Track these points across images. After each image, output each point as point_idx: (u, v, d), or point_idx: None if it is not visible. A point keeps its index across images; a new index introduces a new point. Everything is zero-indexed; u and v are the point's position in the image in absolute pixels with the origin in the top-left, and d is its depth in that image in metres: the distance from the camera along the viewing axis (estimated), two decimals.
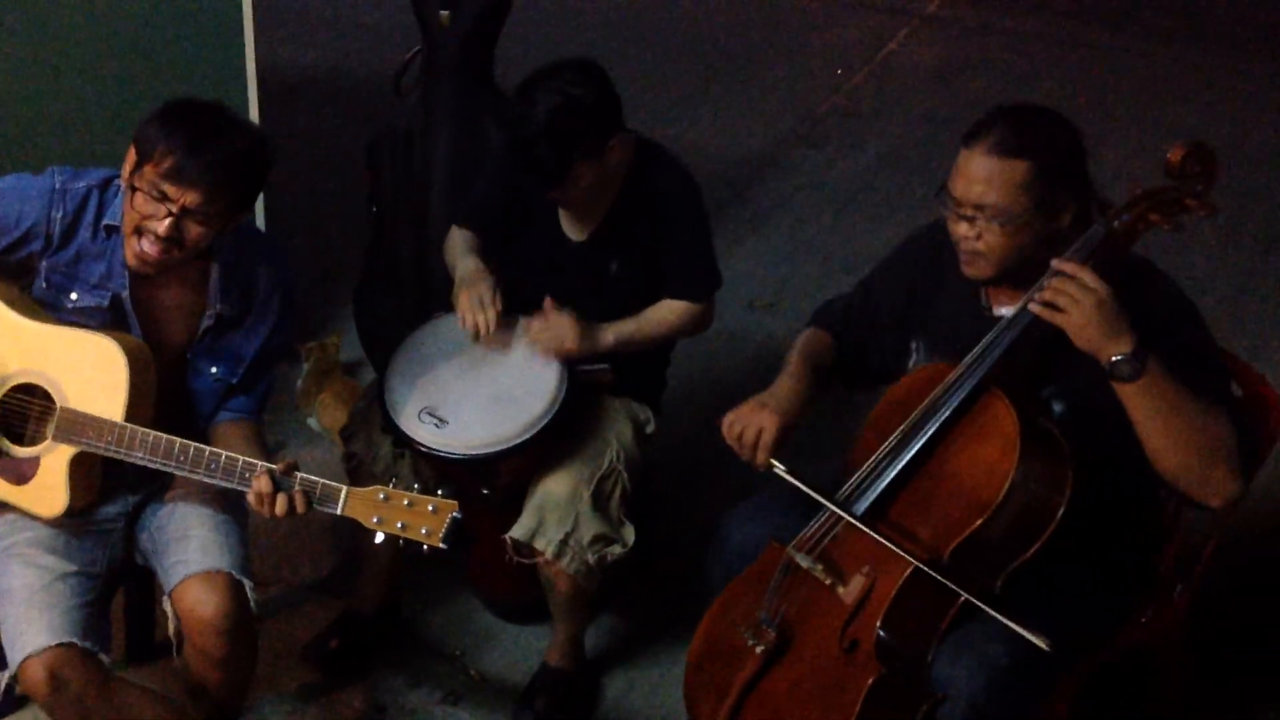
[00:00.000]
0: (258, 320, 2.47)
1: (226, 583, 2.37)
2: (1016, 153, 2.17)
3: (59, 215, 2.35)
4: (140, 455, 2.28)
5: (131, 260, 2.32)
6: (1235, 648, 3.03)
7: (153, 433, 2.28)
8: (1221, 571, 2.52)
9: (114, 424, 2.28)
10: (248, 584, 2.39)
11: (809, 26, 6.70)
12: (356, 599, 3.00)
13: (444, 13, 3.44)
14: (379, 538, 2.24)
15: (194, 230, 2.28)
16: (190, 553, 2.40)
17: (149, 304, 2.40)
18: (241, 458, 2.26)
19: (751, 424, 2.35)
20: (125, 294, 2.37)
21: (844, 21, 6.77)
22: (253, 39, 3.52)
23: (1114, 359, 2.10)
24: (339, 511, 2.24)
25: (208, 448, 2.29)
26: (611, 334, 2.71)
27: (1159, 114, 5.74)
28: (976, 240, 2.22)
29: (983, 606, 2.13)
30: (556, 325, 2.67)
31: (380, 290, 3.74)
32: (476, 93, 3.52)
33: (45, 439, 2.32)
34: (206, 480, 2.29)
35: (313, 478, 2.26)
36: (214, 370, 2.46)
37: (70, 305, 2.38)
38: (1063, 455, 2.15)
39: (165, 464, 2.28)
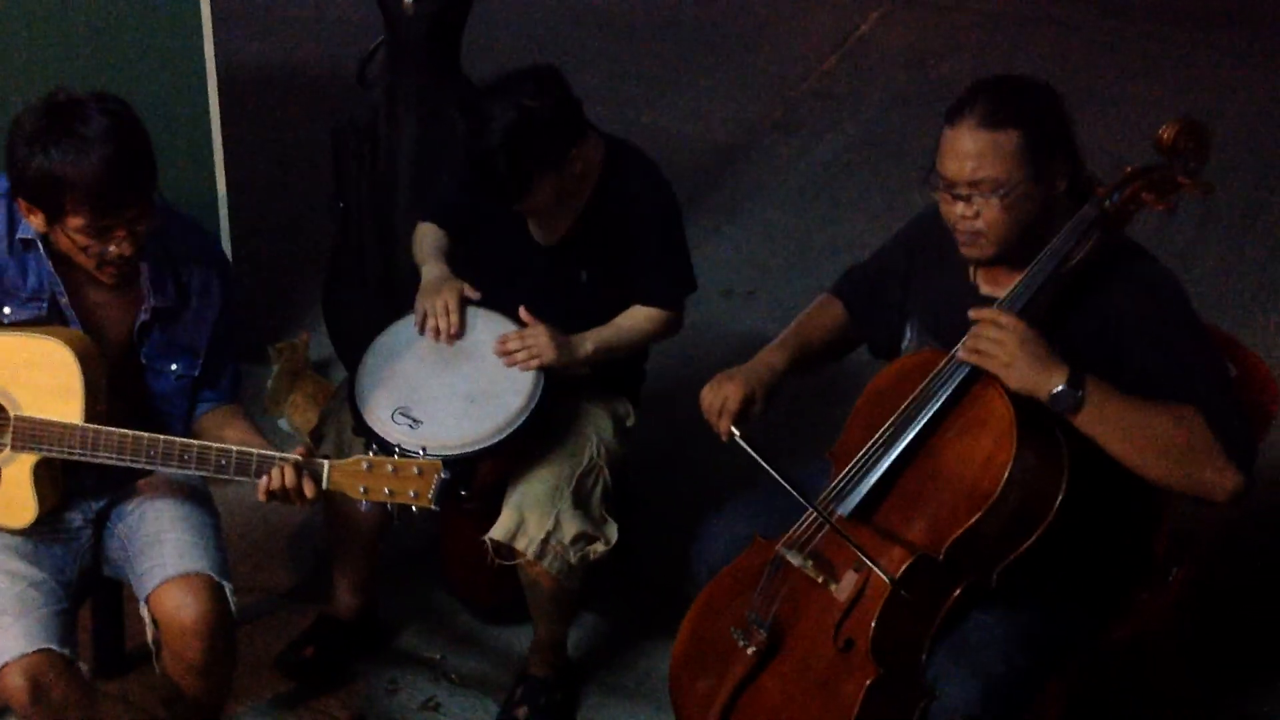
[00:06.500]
0: (201, 307, 2.42)
1: (207, 585, 2.32)
2: (1006, 123, 2.12)
3: None
4: (107, 456, 2.24)
5: (110, 280, 2.28)
6: (1234, 633, 2.98)
7: (117, 431, 2.23)
8: (1221, 552, 2.47)
9: (75, 427, 2.23)
10: (228, 586, 2.35)
11: (780, 10, 6.64)
12: (331, 605, 2.93)
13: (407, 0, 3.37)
14: (364, 505, 2.26)
15: (143, 227, 2.25)
16: (166, 556, 2.34)
17: (85, 307, 2.34)
18: (234, 448, 2.25)
19: (719, 393, 2.37)
20: (64, 299, 2.31)
21: (815, 5, 6.71)
22: (211, 34, 3.44)
23: (1052, 393, 2.06)
24: (324, 486, 2.23)
25: (178, 439, 2.25)
26: (591, 343, 2.66)
27: (1133, 91, 5.71)
28: (975, 219, 2.17)
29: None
30: (532, 337, 2.60)
31: (348, 286, 3.68)
32: (443, 83, 3.45)
33: (4, 449, 2.25)
34: (182, 473, 2.28)
35: (294, 456, 2.24)
36: (174, 368, 2.41)
37: (5, 319, 2.31)
38: (1058, 443, 2.10)
39: (135, 461, 2.25)
